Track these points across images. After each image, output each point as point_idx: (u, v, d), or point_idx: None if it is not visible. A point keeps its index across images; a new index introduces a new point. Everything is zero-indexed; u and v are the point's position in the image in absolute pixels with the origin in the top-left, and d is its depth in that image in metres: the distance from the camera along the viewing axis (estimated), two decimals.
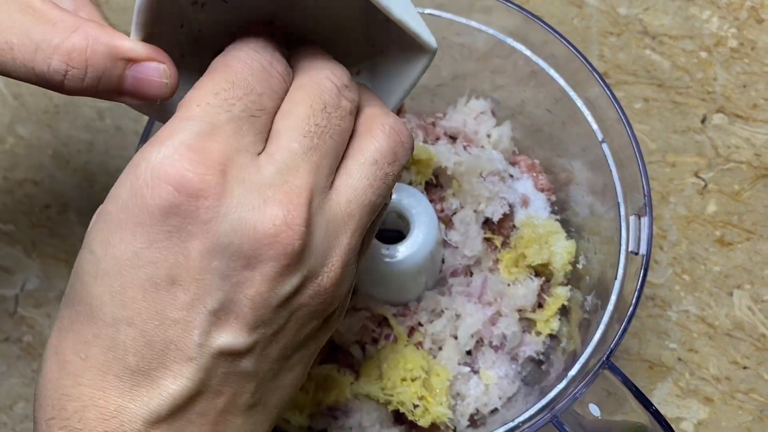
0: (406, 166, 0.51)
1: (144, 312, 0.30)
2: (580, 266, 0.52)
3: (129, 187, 0.30)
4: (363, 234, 0.34)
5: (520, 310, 0.51)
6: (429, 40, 0.36)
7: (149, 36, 0.34)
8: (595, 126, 0.50)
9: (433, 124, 0.56)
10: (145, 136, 0.47)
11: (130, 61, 0.33)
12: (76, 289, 0.31)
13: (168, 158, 0.30)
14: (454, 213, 0.52)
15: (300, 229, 0.30)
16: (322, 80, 0.33)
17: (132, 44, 0.33)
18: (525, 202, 0.53)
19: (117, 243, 0.30)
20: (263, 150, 0.32)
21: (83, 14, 0.37)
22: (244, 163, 0.30)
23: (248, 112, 0.31)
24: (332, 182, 0.33)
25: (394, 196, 0.49)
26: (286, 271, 0.31)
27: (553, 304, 0.51)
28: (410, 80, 0.38)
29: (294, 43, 0.37)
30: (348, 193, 0.33)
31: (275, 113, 0.32)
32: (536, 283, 0.51)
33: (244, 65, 0.32)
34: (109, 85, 0.33)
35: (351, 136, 0.34)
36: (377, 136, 0.34)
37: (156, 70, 0.34)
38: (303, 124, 0.32)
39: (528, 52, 0.52)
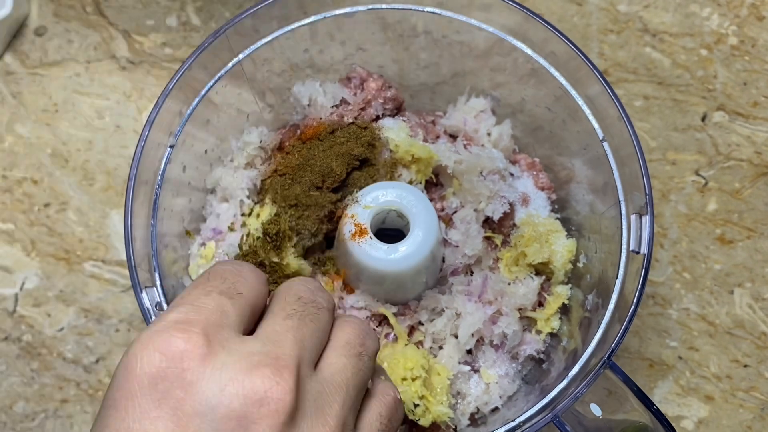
0: (406, 165, 0.51)
1: None
2: (580, 265, 0.51)
3: (121, 365, 0.31)
4: (354, 410, 0.35)
5: (520, 309, 0.50)
6: None
7: None
8: (595, 124, 0.50)
9: (433, 122, 0.56)
10: (144, 138, 0.47)
11: None
12: None
13: (155, 332, 0.31)
14: (455, 212, 0.51)
15: (289, 385, 0.31)
16: (294, 283, 0.37)
17: None
18: (525, 201, 0.53)
19: (111, 423, 0.30)
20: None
21: None
22: (229, 335, 0.32)
23: (227, 295, 0.34)
24: (316, 365, 0.35)
25: (394, 195, 0.48)
26: (282, 430, 0.31)
27: (553, 303, 0.51)
28: None
29: None
30: (331, 369, 0.35)
31: (255, 305, 0.35)
32: (537, 281, 0.51)
33: (219, 266, 0.36)
34: None
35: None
36: (344, 327, 0.37)
37: None
38: (281, 310, 0.35)
39: (528, 50, 0.51)
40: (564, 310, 0.52)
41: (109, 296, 0.58)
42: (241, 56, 0.51)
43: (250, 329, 0.35)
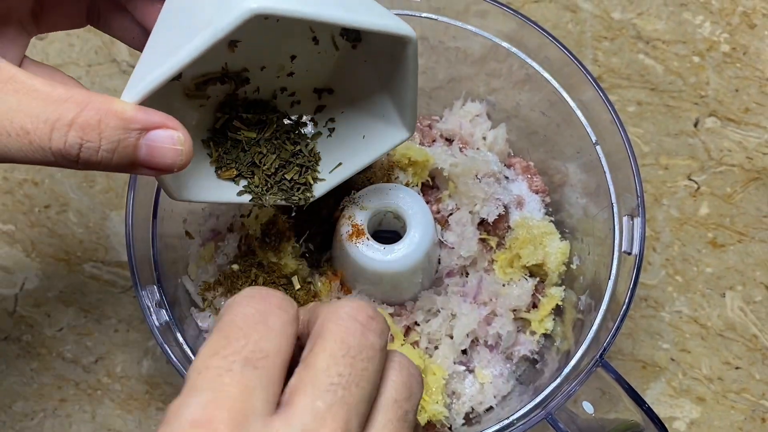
0: (403, 168, 0.52)
1: None
2: (573, 267, 0.52)
3: None
4: None
5: (514, 310, 0.51)
6: (405, 31, 0.38)
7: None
8: (589, 128, 0.50)
9: (430, 126, 0.57)
10: None
11: (143, 129, 0.34)
12: None
13: None
14: (450, 214, 0.52)
15: None
16: (342, 319, 0.30)
17: (144, 114, 0.34)
18: (520, 204, 0.54)
19: None
20: (279, 409, 0.28)
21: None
22: (256, 427, 0.27)
23: (252, 363, 0.28)
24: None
25: (391, 197, 0.49)
26: None
27: (547, 304, 0.52)
28: (410, 71, 0.41)
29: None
30: None
31: (285, 361, 0.29)
32: (531, 283, 0.51)
33: (238, 315, 0.29)
34: (124, 156, 0.34)
35: None
36: (393, 375, 0.31)
37: (170, 137, 0.34)
38: (324, 377, 0.28)
39: (523, 56, 0.52)
40: (558, 311, 0.52)
41: (108, 297, 0.59)
42: None
43: (281, 389, 0.29)
